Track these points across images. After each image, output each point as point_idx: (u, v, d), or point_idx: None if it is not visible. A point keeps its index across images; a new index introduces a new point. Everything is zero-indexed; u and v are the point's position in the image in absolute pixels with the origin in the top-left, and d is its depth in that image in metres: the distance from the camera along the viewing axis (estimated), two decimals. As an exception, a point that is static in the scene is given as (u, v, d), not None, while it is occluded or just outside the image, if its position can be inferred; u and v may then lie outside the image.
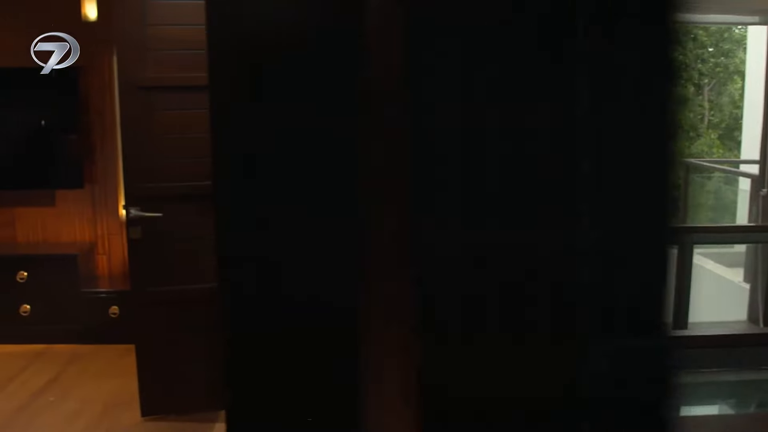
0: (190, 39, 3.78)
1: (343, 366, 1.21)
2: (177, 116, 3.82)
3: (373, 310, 1.16)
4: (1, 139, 5.59)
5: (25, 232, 5.65)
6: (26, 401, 4.35)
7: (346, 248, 1.19)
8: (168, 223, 3.80)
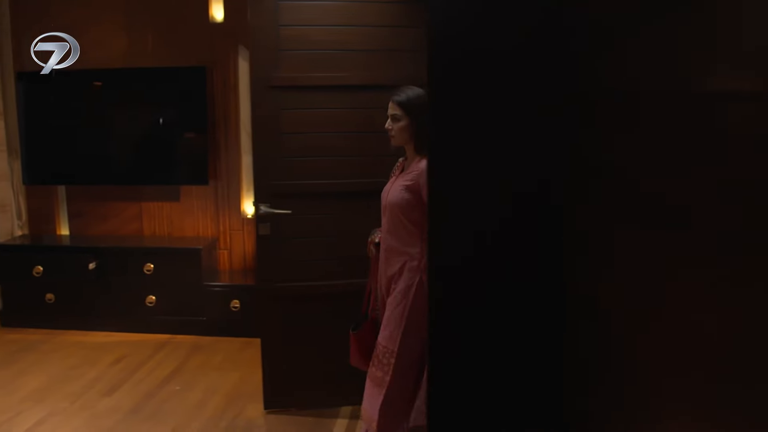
0: (319, 39, 3.85)
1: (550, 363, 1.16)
2: (306, 115, 3.86)
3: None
4: (130, 135, 5.82)
5: (151, 226, 5.85)
6: (153, 389, 4.49)
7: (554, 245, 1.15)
8: (295, 220, 3.84)
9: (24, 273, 5.56)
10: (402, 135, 3.16)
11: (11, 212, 5.96)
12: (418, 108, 3.10)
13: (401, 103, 3.13)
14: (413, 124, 3.11)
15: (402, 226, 3.15)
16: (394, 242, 3.19)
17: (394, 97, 3.17)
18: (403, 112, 3.13)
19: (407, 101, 3.13)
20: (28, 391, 4.51)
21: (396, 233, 3.18)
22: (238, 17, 5.43)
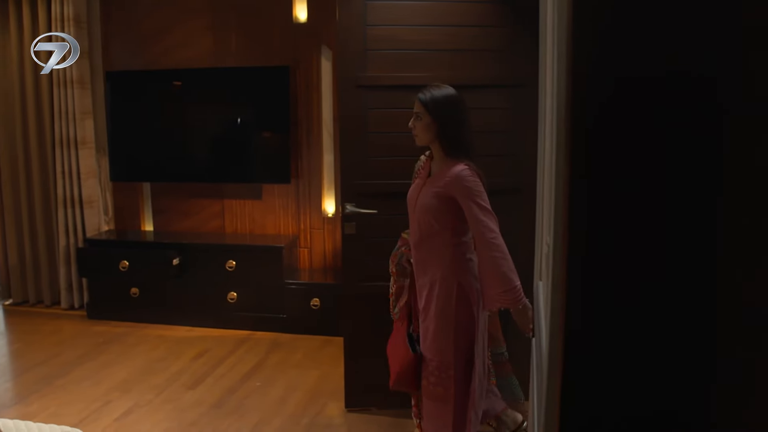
0: (406, 39, 3.84)
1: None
2: (392, 115, 3.85)
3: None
4: (214, 134, 5.92)
5: (233, 223, 5.94)
6: (235, 384, 4.55)
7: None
8: (381, 220, 3.84)
9: (110, 267, 5.71)
10: (425, 134, 3.07)
11: (98, 208, 6.12)
12: (443, 107, 3.02)
13: (424, 102, 3.04)
14: (436, 123, 3.03)
15: (434, 232, 3.06)
16: (425, 249, 3.11)
17: (418, 95, 3.08)
18: (426, 110, 3.03)
19: (431, 100, 3.03)
20: (115, 382, 4.62)
21: (428, 240, 3.09)
22: (321, 17, 5.47)
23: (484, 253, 2.91)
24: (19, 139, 6.16)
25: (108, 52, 6.10)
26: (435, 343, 3.07)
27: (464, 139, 3.05)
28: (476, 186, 2.94)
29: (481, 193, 2.95)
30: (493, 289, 2.92)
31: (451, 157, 3.03)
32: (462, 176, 2.94)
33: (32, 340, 5.51)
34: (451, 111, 3.03)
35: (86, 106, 5.99)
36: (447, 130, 3.02)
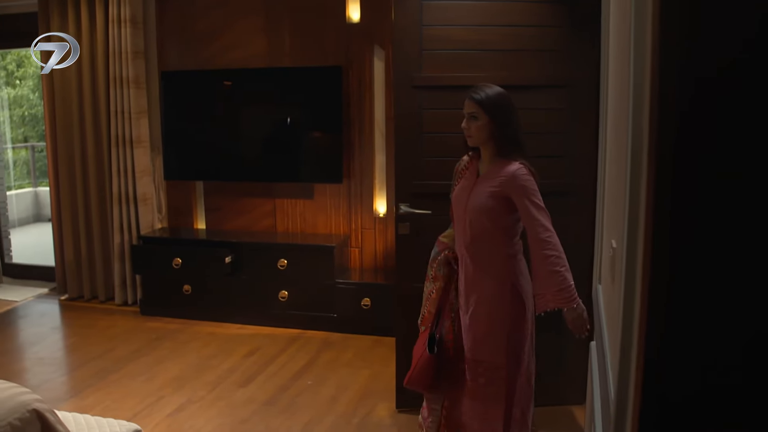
0: (462, 39, 3.82)
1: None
2: (447, 115, 3.83)
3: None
4: (266, 134, 5.95)
5: (284, 223, 5.96)
6: (286, 382, 4.57)
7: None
8: (435, 221, 3.81)
9: (163, 264, 5.78)
10: (480, 135, 3.03)
11: (152, 206, 6.20)
12: (498, 107, 3.00)
13: (480, 102, 3.01)
14: (492, 123, 3.00)
15: (487, 232, 3.03)
16: (477, 251, 3.07)
17: (472, 96, 3.05)
18: (482, 110, 3.00)
19: (486, 100, 3.00)
20: (168, 377, 4.67)
21: (479, 241, 3.06)
22: (374, 17, 5.47)
23: (539, 251, 2.89)
24: (77, 138, 6.27)
25: (163, 52, 6.17)
26: (486, 344, 3.05)
27: (518, 138, 3.03)
28: (532, 185, 2.94)
29: (536, 192, 2.93)
30: (548, 288, 2.89)
31: (504, 156, 3.01)
32: (518, 175, 2.93)
33: (87, 334, 5.60)
34: (505, 110, 3.02)
35: (141, 106, 6.07)
36: (502, 130, 3.00)
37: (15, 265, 7.33)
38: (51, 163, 6.50)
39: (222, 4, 5.91)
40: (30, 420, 2.63)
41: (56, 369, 5.02)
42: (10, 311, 6.30)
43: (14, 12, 6.70)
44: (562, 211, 3.90)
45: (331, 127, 5.61)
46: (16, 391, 2.72)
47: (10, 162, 10.45)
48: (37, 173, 11.39)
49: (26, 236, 9.46)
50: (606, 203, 2.57)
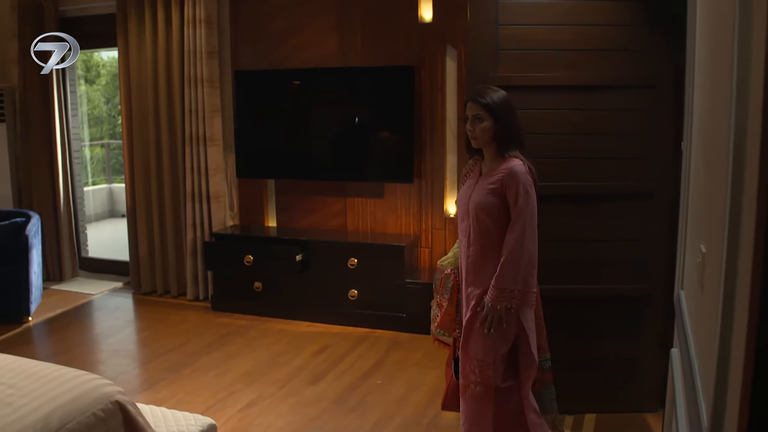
0: (539, 38, 3.78)
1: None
2: (522, 116, 3.77)
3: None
4: (337, 133, 6.00)
5: (355, 221, 5.99)
6: (356, 381, 4.59)
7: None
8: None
9: (235, 261, 5.86)
10: (485, 136, 3.08)
11: (225, 203, 6.29)
12: (502, 109, 3.05)
13: (485, 105, 3.06)
14: (496, 124, 3.05)
15: (488, 231, 3.08)
16: (478, 249, 3.11)
17: (476, 98, 3.10)
18: (487, 113, 3.05)
19: (491, 102, 3.06)
20: (239, 373, 4.73)
21: (480, 239, 3.10)
22: (446, 17, 5.45)
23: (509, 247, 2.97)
24: (152, 136, 6.41)
25: (236, 51, 6.26)
26: (478, 342, 3.09)
27: (519, 138, 3.11)
28: (527, 183, 3.00)
29: (527, 189, 2.99)
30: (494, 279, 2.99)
31: (504, 155, 3.07)
32: (515, 171, 3.00)
33: (160, 328, 5.72)
34: (508, 111, 3.08)
35: (215, 105, 6.17)
36: (505, 130, 3.06)
37: (91, 259, 7.54)
38: (127, 160, 6.65)
39: (295, 4, 5.96)
40: (113, 411, 2.70)
41: (130, 361, 5.15)
42: (87, 304, 6.47)
43: (93, 13, 6.88)
44: (637, 213, 3.84)
45: (403, 126, 5.61)
46: (99, 382, 2.80)
47: (87, 159, 10.73)
48: (111, 170, 11.69)
49: (101, 231, 9.70)
50: (691, 207, 2.50)
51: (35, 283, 6.00)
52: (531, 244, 2.97)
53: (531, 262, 2.97)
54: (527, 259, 2.96)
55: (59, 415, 2.56)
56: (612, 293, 3.88)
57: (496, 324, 2.99)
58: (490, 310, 2.99)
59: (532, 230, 2.98)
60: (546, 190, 3.78)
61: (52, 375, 2.83)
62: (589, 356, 3.95)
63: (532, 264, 2.98)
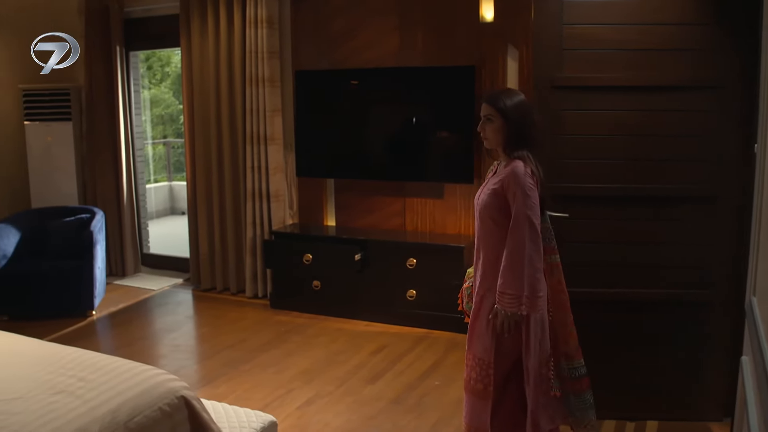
0: (605, 38, 3.71)
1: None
2: (587, 116, 3.75)
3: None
4: (397, 133, 6.01)
5: (414, 222, 5.99)
6: (414, 381, 4.59)
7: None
8: (572, 224, 3.73)
9: (294, 260, 5.91)
10: (496, 137, 3.06)
11: (284, 202, 6.35)
12: (513, 110, 3.01)
13: (496, 105, 3.03)
14: (506, 125, 3.01)
15: (490, 232, 3.07)
16: (485, 248, 3.12)
17: (488, 99, 3.07)
18: (498, 113, 3.02)
19: (502, 103, 3.02)
20: (297, 371, 4.76)
21: (486, 238, 3.11)
22: (508, 16, 5.40)
23: (509, 250, 2.93)
24: (213, 135, 6.49)
25: (297, 51, 6.31)
26: (481, 341, 3.08)
27: (528, 139, 3.04)
28: (526, 184, 2.93)
29: (526, 193, 2.92)
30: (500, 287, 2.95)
31: (512, 156, 3.02)
32: (515, 172, 2.95)
33: (219, 324, 5.80)
34: (520, 114, 3.03)
35: (276, 104, 6.22)
36: (515, 132, 3.01)
37: (152, 256, 7.68)
38: (188, 158, 6.76)
39: (355, 5, 5.99)
40: (178, 406, 2.74)
41: (190, 356, 5.23)
42: (148, 299, 6.60)
43: (157, 15, 7.01)
44: (699, 217, 3.75)
45: (463, 127, 5.57)
46: (165, 377, 2.84)
47: (150, 157, 10.94)
48: (172, 168, 11.90)
49: (162, 228, 9.88)
50: (766, 211, 2.44)
51: (99, 278, 6.14)
52: (531, 246, 2.89)
53: (534, 266, 2.89)
54: (529, 262, 2.89)
55: (127, 408, 2.61)
56: (673, 298, 3.80)
57: (510, 328, 2.93)
58: (501, 316, 2.93)
59: (533, 233, 2.90)
60: (605, 191, 3.75)
61: (120, 369, 2.89)
62: (650, 362, 3.87)
63: (535, 267, 2.90)
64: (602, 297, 3.78)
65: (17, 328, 4.31)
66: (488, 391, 3.06)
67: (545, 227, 3.10)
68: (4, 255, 5.92)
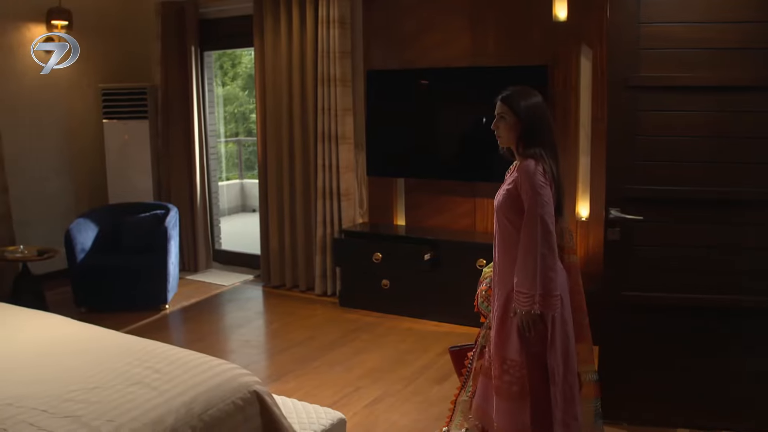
0: (683, 37, 3.62)
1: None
2: (665, 117, 3.66)
3: None
4: (467, 133, 5.97)
5: (484, 222, 5.95)
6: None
7: None
8: (648, 227, 3.65)
9: (363, 258, 5.93)
10: (509, 135, 3.07)
11: (354, 201, 6.38)
12: (526, 109, 3.02)
13: (509, 103, 3.05)
14: (519, 124, 3.02)
15: (507, 231, 3.05)
16: (504, 249, 3.09)
17: (502, 97, 3.10)
18: (511, 111, 3.04)
19: (515, 100, 3.04)
20: (365, 369, 4.78)
21: (501, 238, 3.10)
22: (582, 15, 5.32)
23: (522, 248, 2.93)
24: (285, 134, 6.57)
25: (369, 51, 6.33)
26: (507, 342, 3.04)
27: (542, 138, 3.01)
28: (537, 183, 2.90)
29: (537, 191, 2.89)
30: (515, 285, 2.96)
31: (525, 156, 3.01)
32: (526, 171, 2.96)
33: (288, 321, 5.86)
34: (534, 113, 3.02)
35: (347, 103, 6.26)
36: (526, 131, 3.00)
37: (223, 252, 7.80)
38: (260, 156, 6.84)
39: (427, 4, 5.98)
40: (251, 401, 2.78)
41: (260, 352, 5.30)
42: (220, 294, 6.71)
43: (232, 15, 7.13)
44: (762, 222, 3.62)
45: (534, 127, 5.50)
46: (238, 372, 2.89)
47: (222, 155, 11.13)
48: (243, 166, 12.10)
49: (233, 225, 10.04)
50: None
51: (172, 273, 6.27)
52: (544, 245, 2.86)
53: (547, 264, 2.86)
54: (541, 260, 2.86)
55: (201, 401, 2.66)
56: (753, 305, 3.66)
57: (530, 327, 2.92)
58: (519, 315, 2.94)
59: (545, 230, 2.87)
60: (681, 194, 3.64)
61: (194, 362, 2.95)
62: (725, 371, 3.74)
63: (549, 266, 2.87)
64: (676, 302, 3.68)
65: (94, 319, 4.45)
66: (525, 392, 3.03)
67: (563, 227, 3.11)
68: (83, 249, 6.10)
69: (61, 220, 6.88)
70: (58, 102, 7.09)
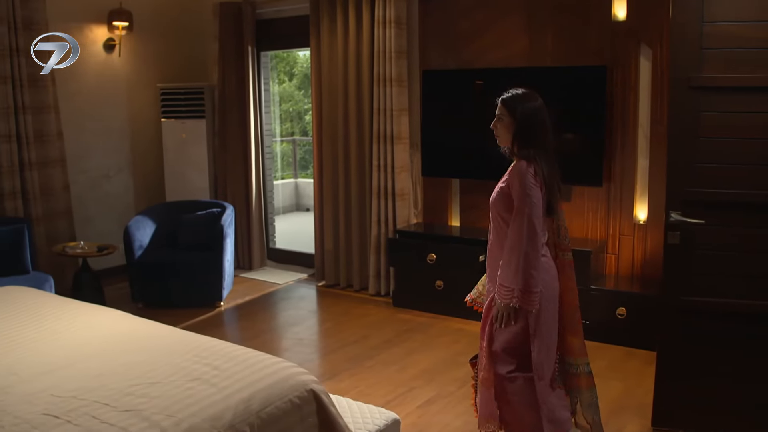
0: (750, 36, 3.51)
1: None
2: (729, 119, 3.56)
3: None
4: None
5: (539, 224, 5.87)
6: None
7: None
8: (709, 231, 3.56)
9: (418, 259, 5.94)
10: (506, 135, 3.16)
11: (409, 201, 6.38)
12: (522, 109, 3.10)
13: (506, 103, 3.16)
14: (514, 124, 3.11)
15: (500, 228, 3.15)
16: (496, 242, 3.18)
17: (501, 98, 3.19)
18: (507, 111, 3.14)
19: (513, 103, 3.13)
20: (419, 370, 4.78)
21: (494, 235, 3.19)
22: (642, 15, 5.25)
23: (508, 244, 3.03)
24: (341, 133, 6.60)
25: (425, 51, 6.33)
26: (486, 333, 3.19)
27: (536, 141, 3.08)
28: (527, 183, 3.00)
29: (526, 192, 2.99)
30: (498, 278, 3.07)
31: (519, 156, 3.11)
32: (518, 171, 3.05)
33: (342, 320, 5.88)
34: (530, 113, 3.09)
35: (403, 104, 6.26)
36: (523, 131, 3.10)
37: (277, 250, 7.88)
38: (316, 156, 6.89)
39: (484, 5, 5.95)
40: (307, 399, 2.80)
41: (314, 351, 5.33)
42: (274, 293, 6.77)
43: (288, 15, 7.20)
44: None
45: (592, 128, 5.44)
46: (295, 370, 2.91)
47: (278, 154, 11.23)
48: (297, 165, 12.19)
49: (287, 224, 10.13)
50: None
51: (228, 271, 6.35)
52: (528, 244, 2.95)
53: (529, 262, 2.95)
54: (524, 258, 2.95)
55: (259, 398, 2.68)
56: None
57: (504, 320, 3.06)
58: (498, 306, 3.07)
59: (531, 230, 2.95)
60: (744, 198, 3.54)
61: (252, 360, 2.98)
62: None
63: (531, 264, 2.95)
64: (734, 308, 3.59)
65: (151, 315, 4.53)
66: (489, 379, 3.16)
67: (558, 225, 3.21)
68: (141, 245, 6.21)
69: (119, 217, 7.04)
70: (118, 102, 7.24)
